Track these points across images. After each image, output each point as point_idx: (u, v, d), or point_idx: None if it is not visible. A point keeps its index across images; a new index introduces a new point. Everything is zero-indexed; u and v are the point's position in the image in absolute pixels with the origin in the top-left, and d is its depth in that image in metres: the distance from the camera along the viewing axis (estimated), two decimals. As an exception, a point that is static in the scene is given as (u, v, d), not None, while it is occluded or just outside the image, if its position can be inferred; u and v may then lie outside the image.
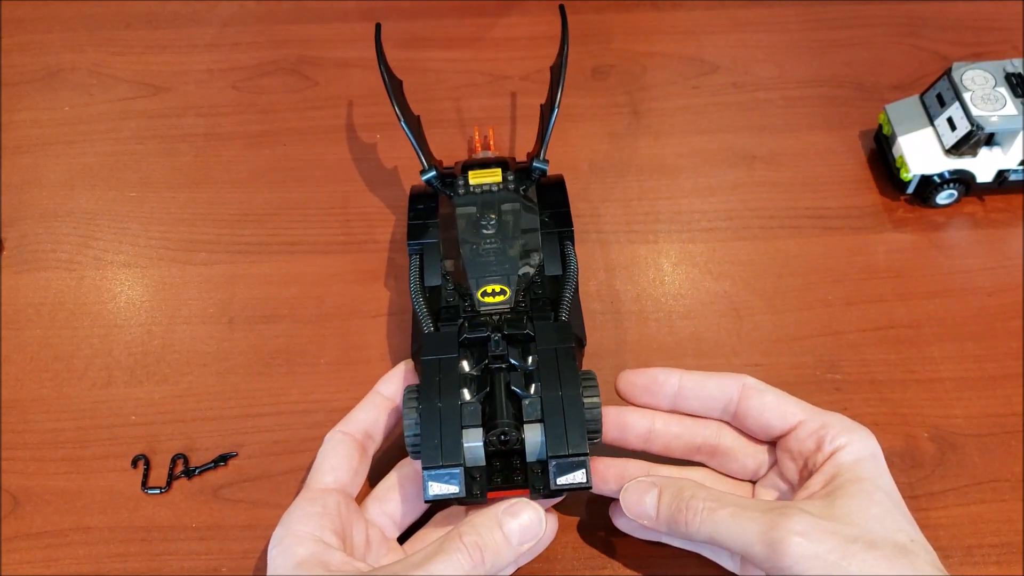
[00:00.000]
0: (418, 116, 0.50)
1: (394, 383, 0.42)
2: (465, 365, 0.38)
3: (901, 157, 0.53)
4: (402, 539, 0.40)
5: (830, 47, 0.63)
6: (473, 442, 0.36)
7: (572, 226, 0.45)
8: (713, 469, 0.41)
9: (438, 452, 0.35)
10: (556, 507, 0.41)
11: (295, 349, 0.48)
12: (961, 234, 0.53)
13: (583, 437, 0.35)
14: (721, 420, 0.40)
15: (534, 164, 0.46)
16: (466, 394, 0.37)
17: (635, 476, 0.38)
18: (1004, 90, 0.51)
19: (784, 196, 0.55)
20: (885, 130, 0.54)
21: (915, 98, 0.54)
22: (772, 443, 0.40)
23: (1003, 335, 0.48)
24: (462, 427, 0.36)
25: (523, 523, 0.35)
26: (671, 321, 0.49)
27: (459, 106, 0.60)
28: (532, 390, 0.37)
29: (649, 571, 0.41)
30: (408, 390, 0.37)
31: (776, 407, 0.38)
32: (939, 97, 0.53)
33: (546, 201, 0.47)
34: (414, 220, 0.46)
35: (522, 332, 0.39)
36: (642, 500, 0.36)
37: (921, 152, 0.52)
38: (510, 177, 0.47)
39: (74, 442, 0.45)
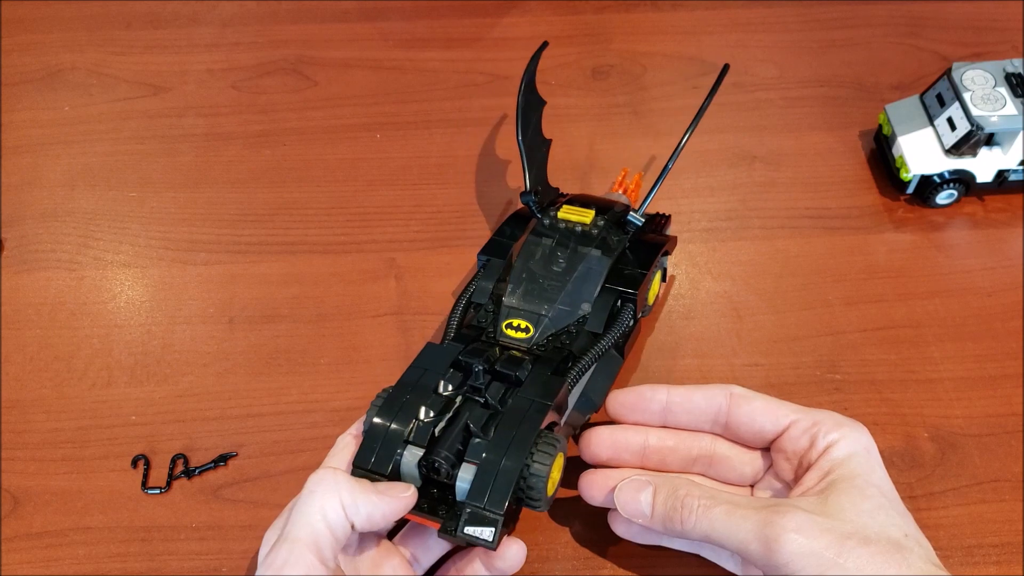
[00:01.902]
0: (550, 140, 0.50)
1: None
2: (443, 385, 0.38)
3: (901, 157, 0.53)
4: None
5: (830, 47, 0.63)
6: (409, 460, 0.36)
7: (637, 292, 0.43)
8: (711, 478, 0.41)
9: (371, 456, 0.36)
10: (555, 508, 0.41)
11: (295, 349, 0.48)
12: (961, 234, 0.53)
13: (504, 498, 0.34)
14: (713, 433, 0.40)
15: (628, 217, 0.46)
16: (425, 412, 0.36)
17: None
18: (1004, 90, 0.51)
19: (784, 196, 0.55)
20: (885, 130, 0.54)
21: (915, 98, 0.54)
22: (766, 449, 0.39)
23: (1003, 335, 0.48)
24: (406, 442, 0.36)
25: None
26: (671, 321, 0.49)
27: (459, 106, 0.60)
28: (488, 432, 0.36)
29: (649, 572, 0.41)
30: (380, 393, 0.38)
31: (767, 411, 0.38)
32: (939, 97, 0.53)
33: (631, 256, 0.45)
34: (497, 236, 0.46)
35: (513, 374, 0.38)
36: (636, 498, 0.36)
37: (921, 152, 0.52)
38: (600, 222, 0.45)
39: (74, 442, 0.45)
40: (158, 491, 0.43)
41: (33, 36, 0.64)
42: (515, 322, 0.42)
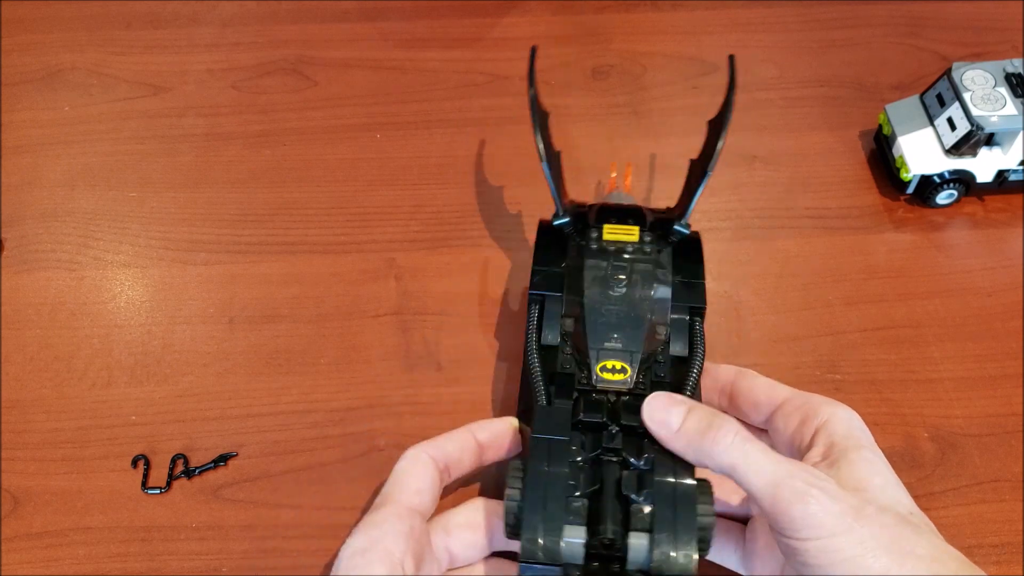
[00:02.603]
0: (559, 152, 0.46)
1: (491, 432, 0.40)
2: (575, 449, 0.35)
3: (901, 157, 0.53)
4: None
5: (830, 47, 0.63)
6: (574, 539, 0.33)
7: (705, 303, 0.41)
8: None
9: (537, 547, 0.33)
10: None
11: (295, 349, 0.48)
12: (961, 234, 0.53)
13: (690, 555, 0.32)
14: (720, 407, 0.41)
15: (675, 227, 0.43)
16: (574, 488, 0.34)
17: None
18: (1004, 90, 0.51)
19: (784, 196, 0.55)
20: (885, 130, 0.54)
21: (915, 98, 0.54)
22: (764, 430, 0.40)
23: (1003, 335, 0.48)
24: (565, 523, 0.33)
25: None
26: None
27: (459, 106, 0.60)
28: (643, 494, 0.34)
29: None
30: (514, 465, 0.35)
31: (766, 386, 0.40)
32: (939, 97, 0.53)
33: (680, 266, 0.43)
34: (541, 266, 0.43)
35: (638, 424, 0.36)
36: (668, 409, 0.35)
37: (921, 152, 0.52)
38: (647, 238, 0.43)
39: (74, 442, 0.45)
40: (158, 491, 0.43)
41: (33, 36, 0.64)
42: (609, 364, 0.39)
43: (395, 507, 0.36)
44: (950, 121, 0.51)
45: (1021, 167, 0.51)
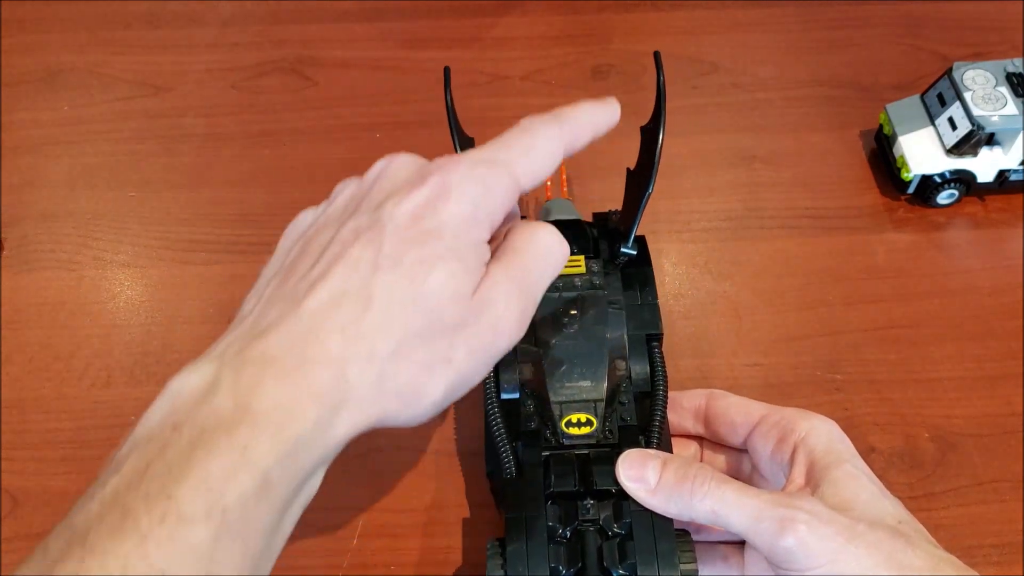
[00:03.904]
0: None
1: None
2: (558, 529, 0.34)
3: (902, 157, 0.53)
4: None
5: (830, 47, 0.63)
6: None
7: (661, 328, 0.40)
8: None
9: None
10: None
11: (295, 349, 0.48)
12: (961, 234, 0.53)
13: None
14: (696, 435, 0.41)
15: (621, 250, 0.40)
16: (555, 568, 0.33)
17: None
18: (1005, 90, 0.51)
19: (784, 196, 0.55)
20: (886, 130, 0.54)
21: (916, 98, 0.54)
22: (742, 452, 0.40)
23: (1003, 335, 0.48)
24: None
25: None
26: (671, 321, 0.49)
27: (459, 106, 0.60)
28: (625, 566, 0.33)
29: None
30: (492, 547, 0.34)
31: (739, 405, 0.39)
32: (940, 97, 0.53)
33: (629, 284, 0.41)
34: None
35: (612, 488, 0.35)
36: (644, 465, 0.35)
37: (922, 152, 0.52)
38: (594, 267, 0.41)
39: (74, 442, 0.45)
40: (158, 491, 0.43)
41: (33, 36, 0.64)
42: (574, 418, 0.37)
43: (514, 186, 0.31)
44: (951, 121, 0.51)
45: (1022, 167, 0.51)
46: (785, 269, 0.51)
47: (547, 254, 0.31)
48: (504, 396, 0.38)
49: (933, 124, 0.53)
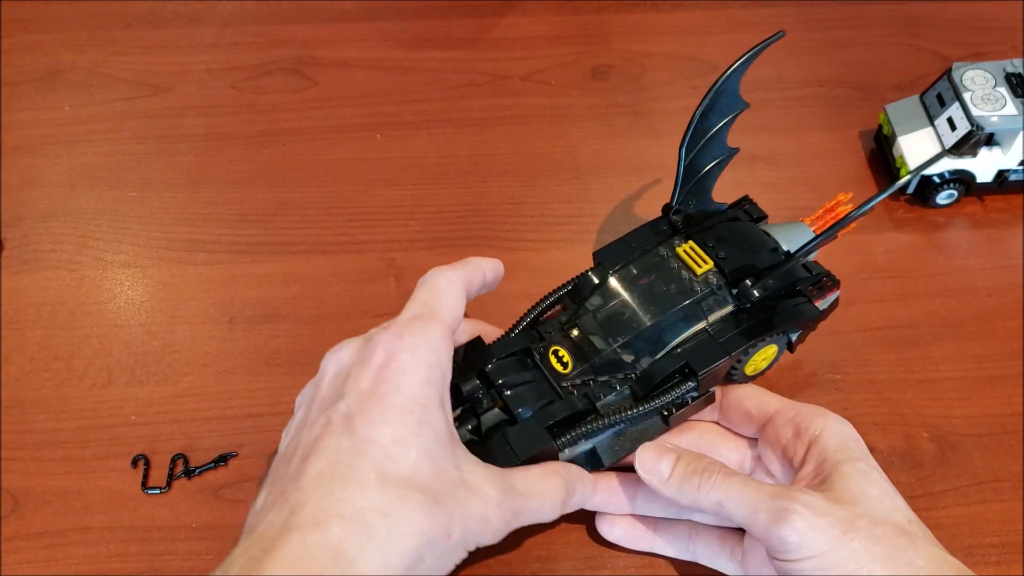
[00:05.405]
0: (736, 149, 0.46)
1: (492, 265, 0.41)
2: (466, 384, 0.39)
3: (901, 157, 0.53)
4: None
5: (830, 47, 0.63)
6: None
7: (701, 374, 0.38)
8: None
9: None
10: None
11: (295, 349, 0.48)
12: (961, 234, 0.53)
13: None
14: (711, 420, 0.42)
15: (743, 286, 0.40)
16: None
17: (619, 488, 0.40)
18: (1004, 90, 0.51)
19: (784, 196, 0.55)
20: (885, 130, 0.54)
21: (915, 98, 0.54)
22: (754, 440, 0.40)
23: (1003, 335, 0.48)
24: None
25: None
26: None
27: (459, 106, 0.60)
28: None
29: (650, 572, 0.41)
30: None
31: (754, 396, 0.40)
32: (939, 97, 0.53)
33: (737, 324, 0.40)
34: (628, 239, 0.43)
35: (511, 415, 0.38)
36: (659, 460, 0.37)
37: (921, 152, 0.52)
38: (712, 279, 0.40)
39: (74, 442, 0.45)
40: (158, 491, 0.43)
41: (33, 36, 0.64)
42: (560, 351, 0.40)
43: (436, 321, 0.35)
44: (950, 121, 0.51)
45: (1021, 167, 0.51)
46: (785, 269, 0.51)
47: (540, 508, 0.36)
48: (563, 297, 0.42)
49: (932, 124, 0.53)
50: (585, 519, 0.42)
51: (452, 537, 0.31)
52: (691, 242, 0.42)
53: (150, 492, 0.43)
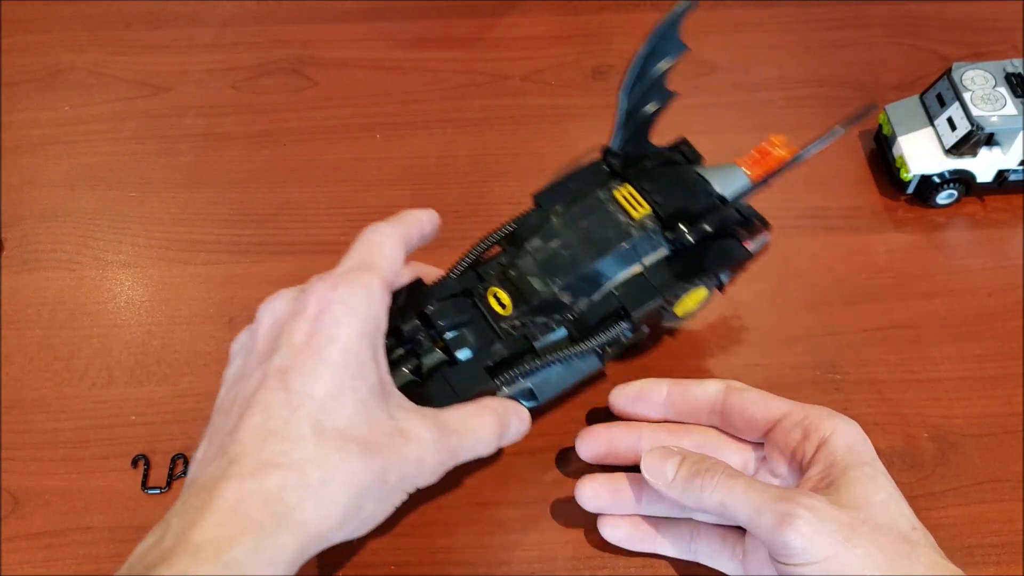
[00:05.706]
0: (675, 93, 0.45)
1: (430, 216, 0.41)
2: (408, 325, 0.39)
3: (901, 157, 0.53)
4: None
5: (830, 47, 0.63)
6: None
7: (634, 314, 0.40)
8: None
9: None
10: (556, 509, 0.41)
11: (295, 349, 0.48)
12: (961, 234, 0.53)
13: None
14: (711, 425, 0.41)
15: (679, 228, 0.40)
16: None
17: (627, 489, 0.40)
18: (1004, 90, 0.51)
19: (784, 196, 0.55)
20: (885, 130, 0.54)
21: (915, 98, 0.54)
22: (759, 444, 0.40)
23: (1003, 335, 0.48)
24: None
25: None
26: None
27: (459, 106, 0.60)
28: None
29: (649, 572, 0.41)
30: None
31: (759, 401, 0.39)
32: (939, 97, 0.53)
33: (670, 267, 0.41)
34: (562, 180, 0.43)
35: (451, 356, 0.39)
36: (664, 462, 0.37)
37: (921, 152, 0.52)
38: (649, 223, 0.41)
39: (74, 442, 0.45)
40: (158, 491, 0.43)
41: (33, 36, 0.64)
42: (500, 293, 0.41)
43: (372, 273, 0.35)
44: (950, 121, 0.51)
45: (1021, 167, 0.51)
46: (785, 269, 0.51)
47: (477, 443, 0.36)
48: (499, 240, 0.42)
49: (932, 124, 0.53)
50: (585, 520, 0.42)
51: (389, 483, 0.32)
52: (628, 186, 0.42)
53: (150, 492, 0.43)
